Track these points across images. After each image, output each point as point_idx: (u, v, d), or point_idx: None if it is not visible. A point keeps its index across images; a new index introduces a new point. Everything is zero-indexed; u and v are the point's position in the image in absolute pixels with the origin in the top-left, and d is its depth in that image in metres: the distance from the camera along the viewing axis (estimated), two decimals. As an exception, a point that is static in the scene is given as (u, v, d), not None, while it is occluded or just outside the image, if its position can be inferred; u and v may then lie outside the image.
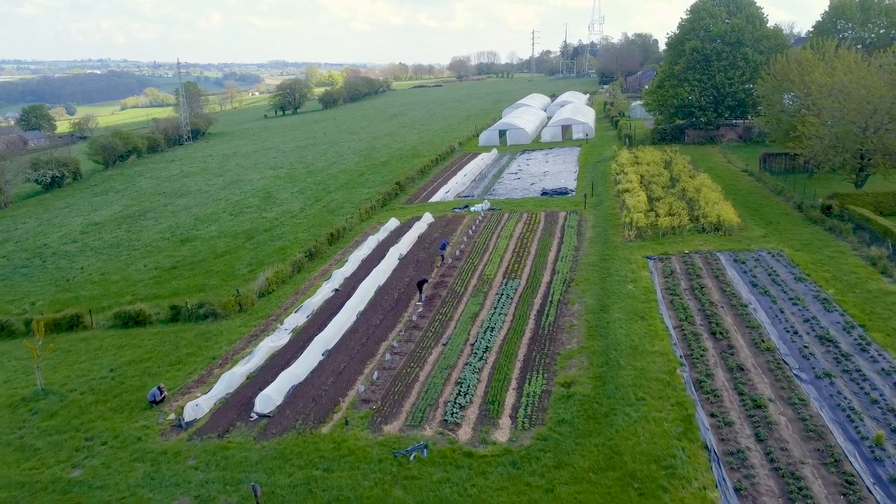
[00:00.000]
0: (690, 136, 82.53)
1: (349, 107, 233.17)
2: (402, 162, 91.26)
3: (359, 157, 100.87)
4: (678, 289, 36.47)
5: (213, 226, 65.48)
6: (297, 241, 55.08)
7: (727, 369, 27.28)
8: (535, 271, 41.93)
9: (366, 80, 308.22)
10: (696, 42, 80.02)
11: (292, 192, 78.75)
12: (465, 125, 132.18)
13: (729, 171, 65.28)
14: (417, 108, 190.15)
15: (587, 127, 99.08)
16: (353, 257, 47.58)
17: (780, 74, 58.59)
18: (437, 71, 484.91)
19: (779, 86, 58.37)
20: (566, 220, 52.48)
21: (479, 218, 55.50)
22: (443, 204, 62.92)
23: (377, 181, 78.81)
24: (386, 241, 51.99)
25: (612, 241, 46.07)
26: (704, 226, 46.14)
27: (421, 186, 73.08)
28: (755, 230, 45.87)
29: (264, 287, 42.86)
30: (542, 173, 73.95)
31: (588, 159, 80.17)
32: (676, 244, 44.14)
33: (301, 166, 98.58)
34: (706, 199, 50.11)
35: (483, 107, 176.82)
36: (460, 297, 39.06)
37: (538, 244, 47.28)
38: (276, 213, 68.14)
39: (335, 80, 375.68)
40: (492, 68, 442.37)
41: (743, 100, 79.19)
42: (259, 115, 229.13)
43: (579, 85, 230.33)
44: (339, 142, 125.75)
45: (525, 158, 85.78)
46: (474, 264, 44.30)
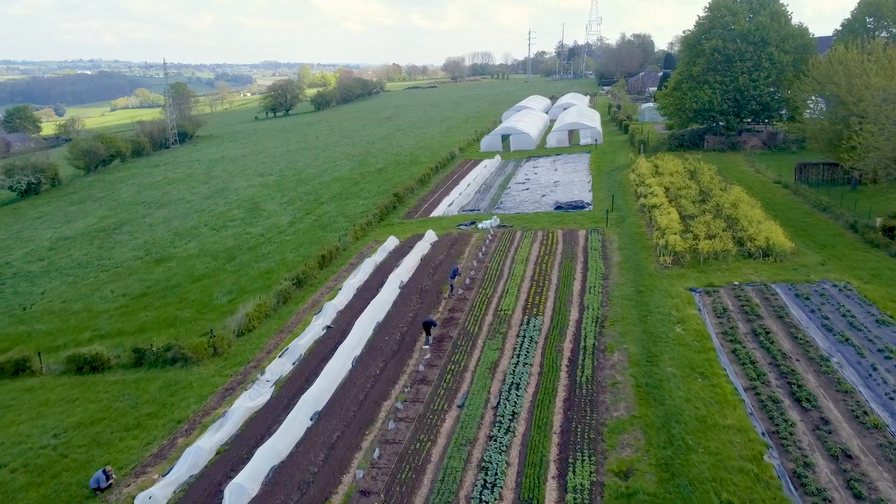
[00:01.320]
0: (710, 143, 76.67)
1: (342, 108, 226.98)
2: (400, 169, 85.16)
3: (353, 164, 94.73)
4: (737, 333, 30.51)
5: (193, 242, 59.20)
6: (284, 264, 48.93)
7: (829, 456, 21.31)
8: (560, 306, 35.93)
9: (359, 80, 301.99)
10: (716, 41, 74.18)
11: (281, 202, 72.54)
12: (463, 128, 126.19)
13: (760, 183, 59.43)
14: (413, 110, 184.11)
15: (595, 132, 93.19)
16: (348, 285, 41.48)
17: (823, 77, 52.75)
18: (431, 72, 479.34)
19: (821, 90, 52.54)
20: (588, 241, 46.51)
21: (489, 237, 49.49)
22: (446, 219, 56.84)
23: (373, 191, 72.70)
24: (384, 264, 45.91)
25: (646, 268, 40.11)
26: (751, 250, 40.23)
27: (421, 198, 67.00)
28: (809, 255, 39.99)
29: (244, 324, 36.70)
30: (552, 183, 67.97)
31: (601, 167, 74.24)
32: (722, 273, 38.20)
33: (291, 173, 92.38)
34: (748, 218, 44.25)
35: (481, 109, 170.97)
36: (474, 340, 33.02)
37: (560, 270, 41.29)
38: (263, 227, 61.93)
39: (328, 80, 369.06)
40: (486, 69, 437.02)
41: (768, 103, 73.40)
42: (250, 117, 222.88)
43: (578, 86, 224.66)
44: (331, 146, 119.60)
45: (531, 166, 79.82)
46: (488, 296, 38.25)
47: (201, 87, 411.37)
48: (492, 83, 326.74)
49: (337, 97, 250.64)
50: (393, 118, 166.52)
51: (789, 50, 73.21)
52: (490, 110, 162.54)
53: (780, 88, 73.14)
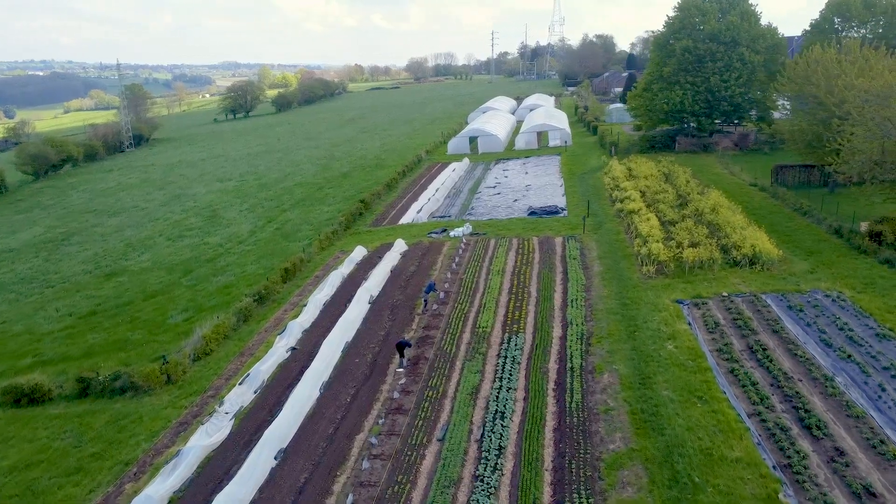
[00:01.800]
0: (682, 144, 75.53)
1: (304, 110, 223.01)
2: (365, 173, 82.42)
3: (316, 168, 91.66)
4: (733, 351, 28.66)
5: (147, 254, 55.74)
6: (245, 277, 45.98)
7: (850, 493, 19.43)
8: (541, 321, 33.76)
9: (321, 81, 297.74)
10: (687, 41, 73.06)
11: (241, 209, 69.28)
12: (429, 130, 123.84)
13: (736, 186, 58.17)
14: (377, 112, 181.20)
15: (564, 133, 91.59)
16: (313, 301, 38.75)
17: (800, 78, 51.56)
18: (394, 72, 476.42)
19: (798, 90, 51.34)
20: (566, 249, 44.49)
21: (462, 245, 47.19)
22: (416, 227, 54.36)
23: (338, 197, 69.88)
24: (352, 277, 43.28)
25: (629, 278, 38.19)
26: (737, 258, 38.58)
27: (388, 204, 64.39)
28: (797, 263, 38.49)
29: (200, 347, 33.75)
30: (523, 187, 65.96)
31: (572, 170, 72.50)
32: (709, 283, 36.45)
33: (252, 178, 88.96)
34: (730, 224, 42.70)
35: (446, 110, 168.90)
36: (452, 361, 30.65)
37: (539, 282, 39.14)
38: (222, 237, 58.72)
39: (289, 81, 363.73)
40: (449, 69, 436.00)
41: (739, 104, 72.47)
42: (209, 119, 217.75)
43: (542, 87, 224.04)
44: (294, 149, 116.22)
45: (501, 169, 77.78)
46: (464, 311, 35.92)
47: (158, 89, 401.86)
48: (455, 84, 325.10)
49: (298, 98, 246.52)
50: (357, 120, 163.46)
51: (760, 50, 72.46)
52: (455, 111, 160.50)
53: (752, 89, 72.29)
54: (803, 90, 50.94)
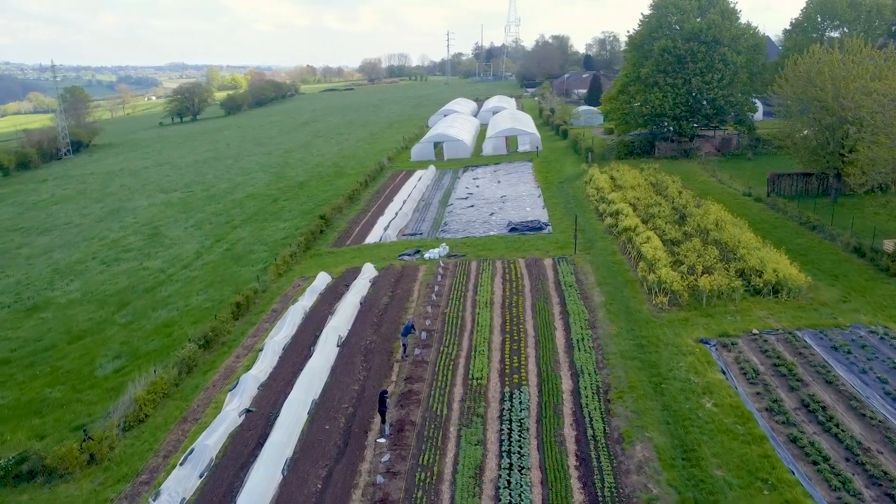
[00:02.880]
0: (662, 150, 71.40)
1: (255, 112, 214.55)
2: (324, 183, 76.23)
3: (270, 176, 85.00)
4: (785, 410, 23.80)
5: (77, 282, 48.80)
6: (190, 312, 39.67)
7: None
8: (546, 370, 28.48)
9: (272, 83, 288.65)
10: (666, 41, 68.92)
11: (186, 226, 62.49)
12: (389, 134, 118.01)
13: (729, 196, 53.98)
14: (332, 114, 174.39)
15: (534, 138, 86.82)
16: (271, 344, 32.76)
17: (803, 80, 47.44)
18: (347, 73, 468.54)
19: (801, 94, 47.21)
20: (558, 274, 39.37)
21: (439, 270, 41.69)
22: (385, 246, 48.60)
23: (295, 210, 63.63)
24: (316, 311, 37.37)
25: (638, 311, 33.22)
26: (758, 286, 33.93)
27: (352, 219, 58.39)
28: (824, 290, 34.05)
29: (132, 412, 27.51)
30: (498, 198, 60.76)
31: (548, 178, 67.62)
32: (733, 317, 31.68)
33: (199, 188, 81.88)
34: (742, 244, 38.16)
35: (404, 112, 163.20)
36: (445, 426, 25.13)
37: (534, 316, 33.87)
38: (164, 260, 52.04)
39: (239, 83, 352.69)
40: (403, 71, 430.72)
41: (722, 107, 68.62)
42: (154, 123, 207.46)
43: (501, 88, 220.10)
44: (245, 155, 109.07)
45: (471, 177, 72.49)
46: (452, 357, 30.40)
47: (102, 91, 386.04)
48: (411, 85, 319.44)
49: (249, 100, 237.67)
50: (311, 123, 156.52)
51: (741, 50, 68.76)
52: (414, 114, 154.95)
53: (734, 91, 68.53)
54: (806, 93, 46.85)
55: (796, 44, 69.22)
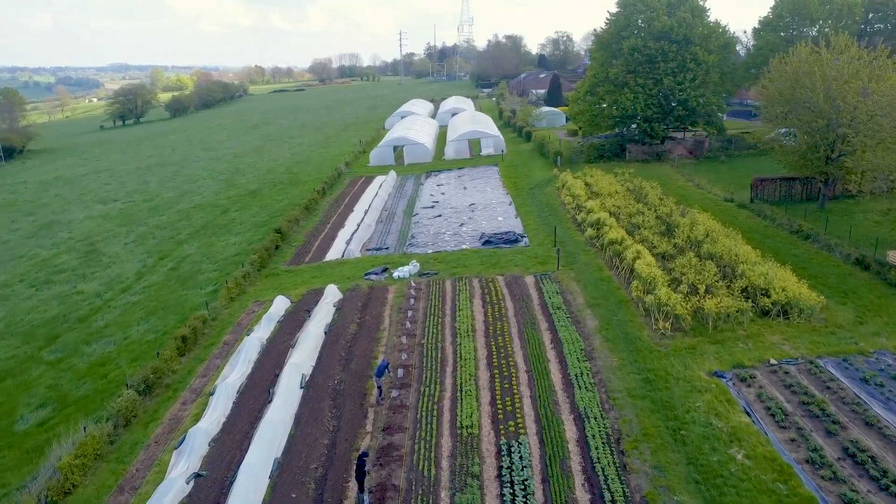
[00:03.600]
0: (633, 153, 68.67)
1: (202, 115, 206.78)
2: (278, 191, 71.42)
3: (219, 184, 79.68)
4: (827, 459, 20.59)
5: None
6: (129, 347, 34.88)
7: None
8: (545, 413, 24.81)
9: (220, 84, 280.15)
10: (635, 40, 66.18)
11: (127, 242, 57.12)
12: (344, 137, 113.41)
13: (710, 202, 51.31)
14: (283, 116, 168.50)
15: (498, 140, 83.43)
16: (223, 388, 28.33)
17: (791, 81, 44.84)
18: (297, 74, 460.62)
19: (791, 96, 44.60)
20: (543, 294, 35.80)
21: (411, 291, 37.74)
22: (348, 264, 44.33)
23: (247, 223, 58.81)
24: (274, 344, 33.02)
25: (638, 338, 29.83)
26: (766, 307, 30.88)
27: (309, 232, 53.86)
28: (836, 310, 31.21)
29: (56, 483, 22.84)
30: (467, 207, 57.03)
31: (517, 184, 64.19)
32: (744, 344, 28.53)
33: (142, 198, 76.14)
34: (739, 258, 35.18)
35: (359, 114, 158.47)
36: (435, 492, 21.22)
37: (523, 346, 30.20)
38: (101, 282, 46.86)
39: (184, 84, 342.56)
40: (355, 71, 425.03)
41: (694, 108, 66.17)
42: (95, 126, 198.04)
43: (456, 89, 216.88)
44: (191, 160, 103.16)
45: (435, 184, 68.61)
46: (435, 399, 26.50)
47: (39, 93, 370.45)
48: (363, 85, 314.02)
49: (195, 102, 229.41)
50: (261, 125, 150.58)
51: (712, 49, 66.45)
52: (369, 115, 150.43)
53: (706, 91, 66.20)
54: (794, 95, 44.28)
55: (767, 42, 67.38)
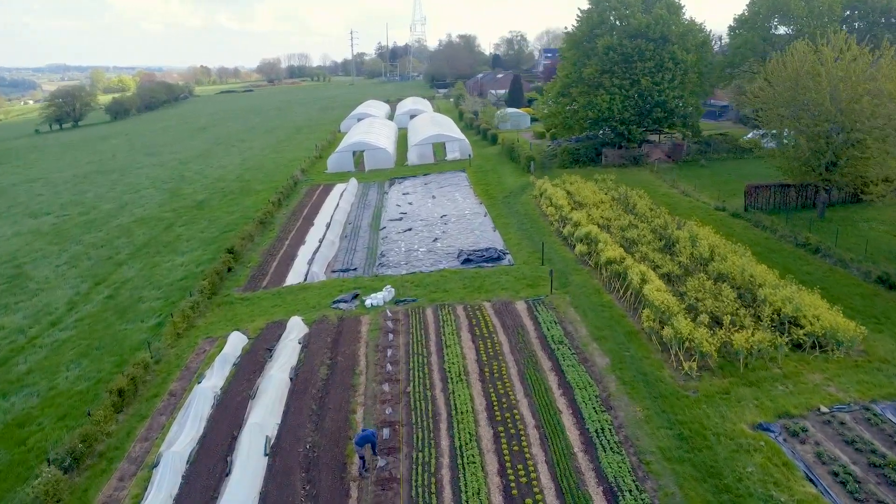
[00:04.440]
0: (609, 158, 65.04)
1: (145, 117, 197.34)
2: (228, 202, 65.70)
3: (163, 194, 73.42)
4: (936, 554, 16.75)
5: None
6: (55, 400, 29.32)
7: None
8: (567, 485, 20.45)
9: (164, 85, 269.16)
10: (610, 39, 62.58)
11: (58, 263, 50.92)
12: (298, 141, 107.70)
13: (701, 212, 47.89)
14: (231, 119, 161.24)
15: (463, 144, 79.12)
16: (169, 457, 23.12)
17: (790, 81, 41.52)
18: (245, 74, 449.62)
19: (791, 98, 41.24)
20: (540, 325, 31.51)
21: (388, 322, 33.06)
22: (312, 290, 39.27)
23: (195, 239, 53.17)
24: (230, 395, 27.93)
25: (660, 380, 25.76)
26: (799, 339, 27.13)
27: (266, 250, 48.50)
28: (878, 341, 27.66)
29: None
30: (438, 219, 52.49)
31: (490, 192, 59.90)
32: (782, 385, 24.69)
33: (77, 210, 69.48)
34: (757, 280, 31.48)
35: (311, 116, 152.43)
36: None
37: (527, 393, 25.81)
38: (26, 313, 40.85)
39: (126, 85, 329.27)
40: (304, 71, 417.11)
41: (673, 110, 62.94)
42: (30, 130, 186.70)
43: (410, 89, 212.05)
44: (133, 167, 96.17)
45: (400, 192, 63.85)
46: (431, 467, 21.88)
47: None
48: (314, 86, 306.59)
49: (138, 104, 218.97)
50: (208, 128, 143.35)
51: (690, 48, 63.34)
52: (323, 117, 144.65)
53: (685, 92, 63.06)
54: (795, 98, 40.97)
55: (746, 41, 64.66)
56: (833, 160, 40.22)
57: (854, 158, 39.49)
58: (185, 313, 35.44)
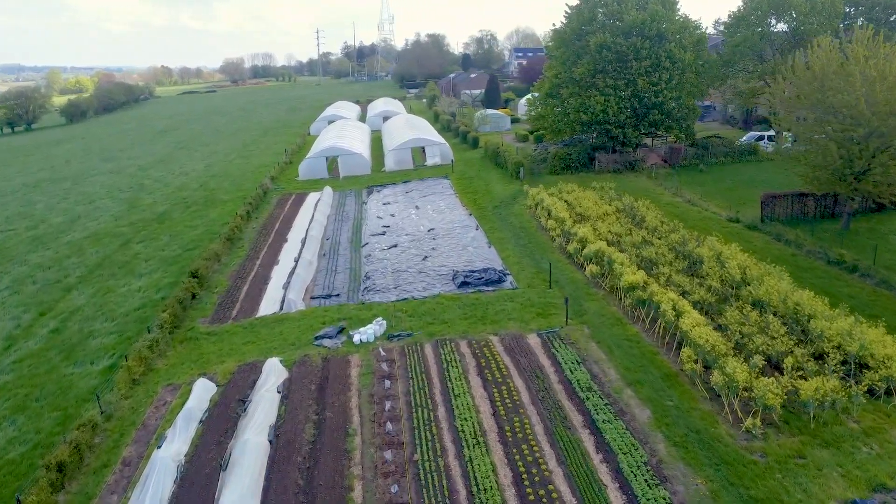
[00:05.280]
0: (603, 163, 61.02)
1: (103, 120, 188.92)
2: (191, 215, 60.21)
3: (120, 205, 67.53)
4: None
5: None
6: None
7: None
8: None
9: (123, 85, 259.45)
10: (604, 36, 58.58)
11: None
12: (266, 144, 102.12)
13: (712, 223, 44.07)
14: (194, 121, 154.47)
15: (444, 148, 74.57)
16: (122, 558, 18.31)
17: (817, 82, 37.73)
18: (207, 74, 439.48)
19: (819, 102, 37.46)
20: (561, 365, 27.11)
21: (381, 363, 28.41)
22: (290, 322, 34.30)
23: (154, 259, 47.79)
24: (195, 464, 23.01)
25: (718, 440, 21.54)
26: (874, 384, 23.13)
27: (234, 272, 43.30)
28: (959, 384, 23.81)
29: None
30: (425, 233, 47.90)
31: (479, 202, 55.46)
32: (865, 446, 20.68)
33: (25, 224, 63.31)
34: (805, 309, 27.49)
35: (278, 117, 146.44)
36: None
37: (560, 460, 21.34)
38: (-45, 353, 35.21)
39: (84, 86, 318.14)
40: (269, 71, 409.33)
41: (670, 111, 59.18)
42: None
43: (380, 89, 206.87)
44: (88, 175, 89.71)
45: (380, 202, 59.02)
46: (455, 572, 17.36)
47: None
48: (280, 86, 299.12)
49: (95, 106, 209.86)
50: (170, 131, 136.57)
51: (687, 46, 59.65)
52: (290, 119, 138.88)
53: (682, 93, 59.36)
54: (823, 99, 37.21)
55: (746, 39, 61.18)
56: (865, 168, 36.58)
57: (887, 166, 35.90)
58: (142, 354, 30.30)
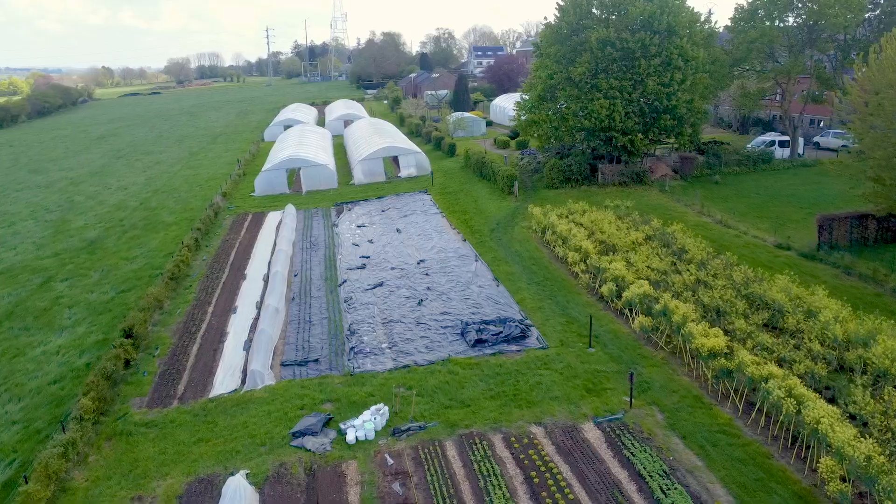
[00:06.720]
0: (607, 174, 53.71)
1: (36, 125, 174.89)
2: (129, 241, 50.85)
3: (44, 229, 57.59)
4: None
5: None
6: None
7: None
8: None
9: (59, 87, 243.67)
10: (606, 31, 51.31)
11: None
12: (215, 153, 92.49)
13: (759, 251, 37.13)
14: (135, 125, 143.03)
15: (420, 158, 66.55)
16: None
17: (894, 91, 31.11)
18: (151, 75, 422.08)
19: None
20: (641, 476, 19.51)
21: (388, 476, 20.37)
22: (255, 406, 25.75)
23: (80, 305, 38.59)
24: None
25: None
26: None
27: (180, 328, 34.35)
28: None
29: None
30: (414, 266, 39.81)
31: (470, 223, 47.58)
32: None
33: (-74, 255, 52.91)
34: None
35: (228, 121, 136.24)
36: None
37: None
38: None
39: (18, 88, 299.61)
40: (216, 71, 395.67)
41: (683, 116, 52.25)
42: None
43: (335, 90, 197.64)
44: (10, 190, 78.81)
45: (352, 223, 50.64)
46: None
47: None
48: (227, 87, 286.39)
49: (28, 110, 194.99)
50: (108, 137, 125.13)
51: (699, 42, 52.88)
52: (241, 123, 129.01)
53: (695, 95, 52.55)
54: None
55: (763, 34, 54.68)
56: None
57: None
58: (52, 467, 21.56)
